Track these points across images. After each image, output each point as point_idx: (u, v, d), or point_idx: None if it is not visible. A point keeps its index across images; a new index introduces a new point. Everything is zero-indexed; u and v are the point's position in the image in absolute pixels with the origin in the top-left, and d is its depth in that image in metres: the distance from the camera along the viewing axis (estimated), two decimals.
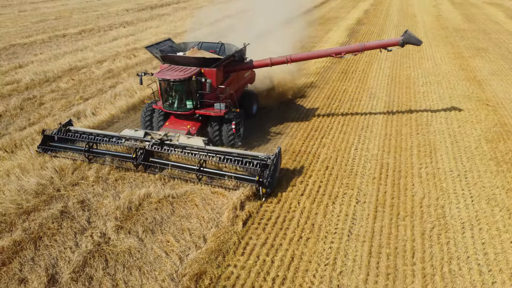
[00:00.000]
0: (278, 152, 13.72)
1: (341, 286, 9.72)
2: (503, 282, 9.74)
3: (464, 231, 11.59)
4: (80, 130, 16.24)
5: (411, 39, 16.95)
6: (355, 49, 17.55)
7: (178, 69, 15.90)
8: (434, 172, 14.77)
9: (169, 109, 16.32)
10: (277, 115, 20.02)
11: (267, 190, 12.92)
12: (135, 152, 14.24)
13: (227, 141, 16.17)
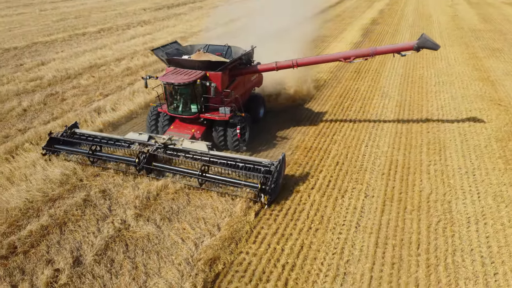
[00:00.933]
0: (282, 158, 13.38)
1: (347, 273, 10.22)
2: (505, 273, 10.12)
3: (469, 225, 11.96)
4: (85, 132, 16.26)
5: (427, 43, 15.40)
6: (366, 53, 16.37)
7: (183, 73, 15.75)
8: (443, 169, 15.11)
9: (173, 112, 16.20)
10: (289, 112, 20.48)
11: (270, 197, 12.68)
12: (138, 156, 14.19)
13: (232, 146, 16.12)
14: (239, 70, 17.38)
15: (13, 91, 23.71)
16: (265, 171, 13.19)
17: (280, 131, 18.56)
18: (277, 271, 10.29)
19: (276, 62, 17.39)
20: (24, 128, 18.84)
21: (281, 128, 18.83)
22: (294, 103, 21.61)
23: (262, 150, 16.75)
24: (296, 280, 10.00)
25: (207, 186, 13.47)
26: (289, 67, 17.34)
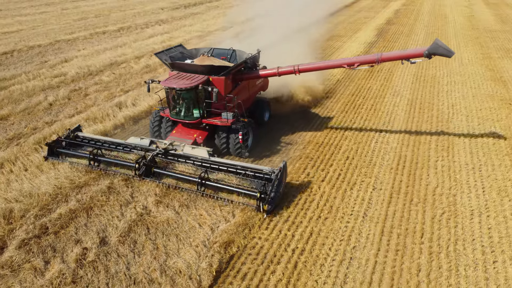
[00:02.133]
0: (283, 166, 13.11)
1: (353, 258, 10.89)
2: (504, 261, 10.66)
3: (472, 217, 12.50)
4: (87, 136, 16.24)
5: (439, 50, 14.13)
6: (371, 60, 15.44)
7: (185, 77, 15.58)
8: (450, 165, 15.63)
9: (176, 117, 16.05)
10: (301, 109, 21.14)
11: (269, 206, 12.49)
12: (137, 162, 14.02)
13: (234, 152, 16.01)
14: (242, 75, 17.18)
15: (39, 87, 24.91)
16: (265, 179, 13.02)
17: (292, 127, 19.24)
18: (287, 254, 11.03)
19: (278, 67, 17.06)
20: (50, 121, 19.95)
21: (294, 124, 19.51)
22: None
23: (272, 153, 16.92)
24: (304, 263, 10.72)
25: (207, 192, 13.21)
26: (291, 73, 16.85)
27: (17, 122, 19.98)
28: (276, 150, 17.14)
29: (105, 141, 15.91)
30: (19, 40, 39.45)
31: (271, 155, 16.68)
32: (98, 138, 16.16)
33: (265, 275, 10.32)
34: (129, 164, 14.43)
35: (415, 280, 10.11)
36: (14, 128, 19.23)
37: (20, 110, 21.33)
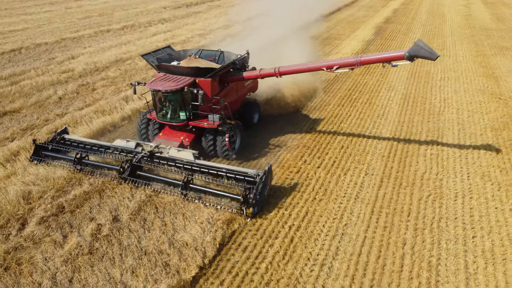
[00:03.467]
0: (268, 169, 13.05)
1: (345, 234, 11.90)
2: (482, 236, 11.67)
3: (456, 199, 13.50)
4: (73, 139, 16.12)
5: (421, 52, 13.18)
6: (350, 63, 14.92)
7: (171, 79, 15.46)
8: (438, 153, 16.64)
9: (162, 119, 15.97)
10: (299, 106, 22.11)
11: (254, 209, 12.48)
12: (122, 165, 14.03)
13: (221, 154, 15.91)
14: (228, 77, 16.95)
15: (48, 82, 25.96)
16: (250, 182, 12.96)
17: (290, 118, 20.22)
18: (284, 231, 12.04)
19: (260, 69, 16.91)
20: (61, 113, 21.00)
21: (292, 116, 20.49)
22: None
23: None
24: (300, 238, 11.74)
25: (191, 196, 13.21)
26: (272, 75, 16.61)
27: (29, 115, 21.02)
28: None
29: (91, 143, 15.82)
30: (26, 38, 40.53)
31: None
32: (84, 140, 16.09)
33: (264, 248, 11.34)
34: (115, 167, 14.43)
35: (400, 252, 11.12)
36: (27, 120, 20.28)
37: (31, 104, 22.38)
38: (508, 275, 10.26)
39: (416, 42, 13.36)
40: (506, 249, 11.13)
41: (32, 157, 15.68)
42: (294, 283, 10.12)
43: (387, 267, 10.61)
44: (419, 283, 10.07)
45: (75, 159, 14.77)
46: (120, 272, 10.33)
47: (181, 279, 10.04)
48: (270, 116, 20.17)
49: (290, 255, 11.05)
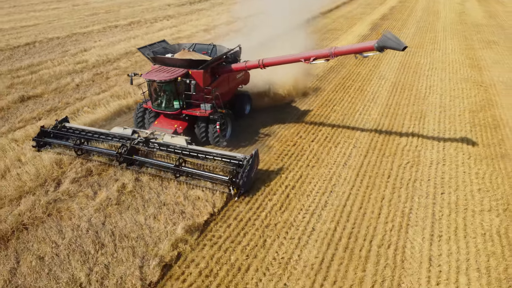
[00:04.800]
0: (255, 153, 14.00)
1: (333, 191, 13.97)
2: (449, 193, 13.74)
3: (431, 165, 15.57)
4: (73, 126, 17.05)
5: (388, 43, 13.64)
6: (325, 54, 15.58)
7: (166, 70, 16.40)
8: (419, 130, 18.69)
9: (157, 108, 16.95)
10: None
11: (240, 190, 13.39)
12: (119, 149, 14.98)
13: (213, 141, 16.79)
14: (220, 69, 17.87)
15: (65, 71, 28.05)
16: (237, 164, 13.89)
17: (287, 105, 22.26)
18: (281, 189, 14.11)
19: (246, 61, 17.79)
20: (80, 97, 23.10)
21: (289, 103, 22.53)
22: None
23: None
24: (294, 194, 13.81)
25: (183, 178, 14.13)
26: (256, 67, 17.46)
27: (51, 99, 23.12)
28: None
29: (90, 131, 16.71)
30: (38, 33, 42.61)
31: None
32: (83, 128, 17.01)
33: (263, 202, 13.41)
34: (112, 152, 15.27)
35: (379, 204, 13.20)
36: (50, 103, 22.37)
37: (52, 90, 24.48)
38: (467, 220, 12.34)
39: (384, 34, 13.78)
40: (468, 202, 13.21)
41: (35, 139, 16.48)
42: (288, 225, 12.21)
43: (367, 215, 12.69)
44: (392, 225, 12.15)
45: (75, 145, 15.66)
46: (144, 217, 12.42)
47: (195, 222, 12.13)
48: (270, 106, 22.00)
49: (286, 207, 13.14)
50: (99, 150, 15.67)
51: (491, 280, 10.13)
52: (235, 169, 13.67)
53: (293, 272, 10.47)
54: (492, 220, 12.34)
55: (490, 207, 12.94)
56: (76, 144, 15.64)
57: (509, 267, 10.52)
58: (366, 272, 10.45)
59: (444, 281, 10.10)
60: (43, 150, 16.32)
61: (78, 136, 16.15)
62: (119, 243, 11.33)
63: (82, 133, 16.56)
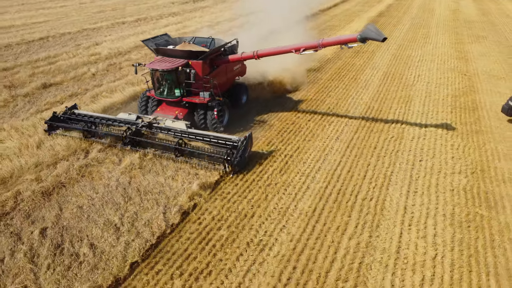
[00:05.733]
0: (249, 136, 15.38)
1: (325, 159, 16.09)
2: (426, 160, 15.87)
3: (412, 139, 17.69)
4: (82, 113, 18.32)
5: (370, 34, 15.03)
6: (314, 45, 16.78)
7: (168, 61, 17.50)
8: (405, 112, 20.81)
9: (160, 96, 18.17)
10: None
11: (235, 168, 14.82)
12: (125, 131, 16.33)
13: (211, 126, 17.85)
14: (218, 60, 19.14)
15: (81, 62, 30.19)
16: (232, 146, 15.18)
17: (286, 92, 24.36)
18: (281, 157, 16.25)
19: (242, 53, 19.17)
20: (98, 84, 25.24)
21: (288, 90, 24.61)
22: None
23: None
24: (293, 161, 15.95)
25: (183, 158, 15.47)
26: (251, 57, 18.67)
27: (71, 86, 25.26)
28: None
29: (97, 116, 17.97)
30: (50, 29, 44.71)
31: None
32: (91, 114, 18.25)
33: (266, 167, 15.54)
34: (118, 134, 16.55)
35: (364, 169, 15.33)
36: (70, 90, 24.51)
37: (70, 78, 26.62)
38: (439, 180, 14.48)
39: (367, 26, 15.23)
40: (441, 167, 15.36)
41: (47, 124, 17.75)
42: (287, 184, 14.35)
43: (354, 177, 14.83)
44: (375, 184, 14.29)
45: (83, 129, 17.05)
46: (163, 178, 14.55)
47: (207, 181, 14.26)
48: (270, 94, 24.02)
49: (285, 170, 15.28)
50: (106, 133, 16.97)
51: (454, 222, 12.27)
52: (231, 149, 15.04)
53: (290, 217, 12.61)
54: (461, 180, 14.48)
55: (460, 170, 15.08)
56: (85, 128, 17.06)
57: (470, 213, 12.66)
58: (351, 217, 12.59)
59: (415, 223, 12.24)
60: (52, 134, 17.56)
61: (87, 121, 17.44)
62: (144, 196, 13.48)
63: (90, 118, 17.77)
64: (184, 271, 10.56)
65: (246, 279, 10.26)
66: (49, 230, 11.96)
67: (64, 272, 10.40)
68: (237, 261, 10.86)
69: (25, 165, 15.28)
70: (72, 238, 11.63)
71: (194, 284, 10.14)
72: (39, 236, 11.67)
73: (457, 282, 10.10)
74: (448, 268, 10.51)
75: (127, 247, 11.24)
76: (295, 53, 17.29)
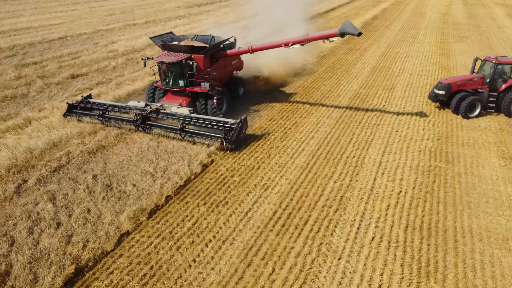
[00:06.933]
0: (244, 119, 17.58)
1: (318, 131, 19.38)
2: (402, 131, 19.15)
3: (392, 116, 20.99)
4: (96, 101, 20.53)
5: (347, 29, 17.06)
6: (300, 40, 18.84)
7: (173, 55, 19.64)
8: (388, 96, 24.15)
9: (166, 86, 20.27)
10: (294, 73, 29.62)
11: (232, 146, 17.02)
12: (135, 116, 18.54)
13: (211, 113, 19.66)
14: (217, 54, 21.42)
15: (101, 57, 33.58)
16: (229, 127, 17.32)
17: (285, 82, 27.73)
18: (281, 129, 19.54)
19: (239, 48, 21.53)
20: (119, 75, 28.61)
21: (287, 79, 27.99)
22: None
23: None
24: (291, 131, 19.25)
25: (187, 138, 17.63)
26: (247, 52, 20.85)
27: (96, 76, 28.63)
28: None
29: (110, 104, 20.17)
30: (67, 29, 48.17)
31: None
32: (105, 102, 20.49)
33: (268, 135, 18.83)
34: (129, 119, 18.97)
35: (350, 137, 18.63)
36: (95, 79, 27.85)
37: (94, 70, 29.98)
38: (410, 144, 17.77)
39: (344, 23, 17.41)
40: (413, 135, 18.68)
41: (66, 114, 20.10)
42: (285, 148, 17.64)
43: (341, 142, 18.14)
44: (358, 147, 17.59)
45: (98, 115, 19.41)
46: (185, 143, 17.81)
47: (210, 150, 17.33)
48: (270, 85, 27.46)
49: (284, 138, 18.59)
50: (119, 118, 19.35)
51: (418, 171, 15.56)
52: (228, 130, 17.31)
53: (288, 169, 15.89)
54: (427, 144, 17.79)
55: (429, 138, 18.40)
56: (99, 115, 19.48)
57: (431, 166, 15.97)
58: (336, 168, 15.88)
59: (387, 172, 15.52)
60: (67, 117, 19.97)
61: (101, 109, 19.64)
62: (171, 155, 16.78)
63: (104, 106, 19.93)
64: (207, 201, 13.83)
65: (255, 206, 13.53)
66: (99, 176, 15.24)
67: (116, 200, 13.68)
68: (247, 196, 14.13)
69: (70, 133, 18.59)
70: (118, 181, 14.91)
71: (215, 209, 13.40)
72: (92, 180, 14.96)
73: (414, 207, 13.36)
74: (409, 199, 13.78)
75: (162, 186, 14.52)
76: (284, 47, 19.47)
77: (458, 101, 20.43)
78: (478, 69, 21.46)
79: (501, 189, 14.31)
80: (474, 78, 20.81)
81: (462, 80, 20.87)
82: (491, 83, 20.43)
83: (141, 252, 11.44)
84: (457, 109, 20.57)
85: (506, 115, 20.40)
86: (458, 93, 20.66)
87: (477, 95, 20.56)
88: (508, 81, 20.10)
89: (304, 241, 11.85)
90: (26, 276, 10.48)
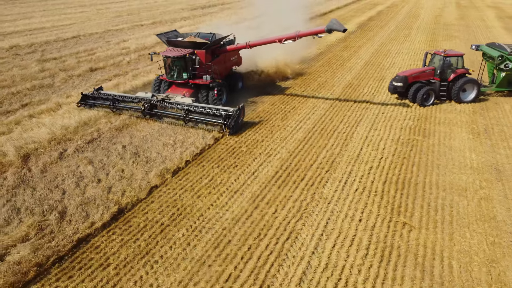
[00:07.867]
0: (241, 107, 19.47)
1: (314, 113, 22.09)
2: (387, 113, 21.88)
3: (380, 101, 23.71)
4: (107, 92, 22.39)
5: (334, 26, 18.93)
6: (292, 36, 20.65)
7: (177, 50, 21.43)
8: (378, 86, 26.90)
9: (170, 79, 22.14)
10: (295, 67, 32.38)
11: (230, 130, 18.87)
12: (143, 105, 20.57)
13: (212, 104, 21.16)
14: (218, 50, 23.16)
15: (115, 54, 36.37)
16: (228, 114, 19.08)
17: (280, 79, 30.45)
18: (282, 112, 22.25)
19: (237, 43, 23.28)
20: (134, 68, 31.37)
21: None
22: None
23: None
24: (290, 113, 21.97)
25: (190, 124, 19.67)
26: (245, 47, 22.65)
27: (112, 70, 31.39)
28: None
29: (120, 95, 22.15)
30: (79, 29, 51.01)
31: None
32: (115, 93, 22.40)
33: (270, 116, 21.54)
34: (138, 108, 21.02)
35: (341, 118, 21.34)
36: (113, 72, 30.61)
37: (110, 64, 32.75)
38: (393, 123, 20.49)
39: (331, 20, 19.47)
40: (396, 117, 21.40)
41: (80, 102, 22.40)
42: (285, 126, 20.37)
43: (333, 122, 20.87)
44: (348, 125, 20.31)
45: (110, 104, 21.66)
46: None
47: (213, 135, 20.11)
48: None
49: (284, 118, 21.32)
50: (128, 107, 21.56)
51: (398, 142, 18.29)
52: (227, 116, 19.15)
53: (288, 142, 18.61)
54: (409, 123, 20.52)
55: (410, 118, 21.14)
56: (111, 104, 21.76)
57: (410, 139, 18.69)
58: (329, 141, 18.60)
59: (371, 144, 18.24)
60: (80, 106, 22.28)
61: (112, 99, 21.86)
62: (188, 131, 19.49)
63: (114, 96, 22.05)
64: (219, 165, 16.55)
65: (260, 168, 16.24)
66: (127, 146, 17.97)
67: (144, 163, 16.41)
68: (253, 161, 16.85)
69: (97, 115, 21.32)
70: (144, 150, 17.64)
71: (227, 170, 16.12)
72: (121, 149, 17.68)
73: (392, 169, 16.07)
74: (388, 163, 16.50)
75: (181, 154, 17.23)
76: (278, 43, 21.38)
77: (415, 91, 22.79)
78: (429, 62, 24.02)
79: (466, 155, 17.04)
80: (427, 70, 23.29)
81: (416, 72, 23.29)
82: (441, 74, 22.95)
83: (168, 199, 14.16)
84: (414, 99, 22.96)
85: (456, 102, 22.98)
86: (414, 84, 23.04)
87: (431, 86, 23.04)
88: (455, 71, 22.75)
89: (301, 191, 14.56)
90: (80, 213, 13.18)
